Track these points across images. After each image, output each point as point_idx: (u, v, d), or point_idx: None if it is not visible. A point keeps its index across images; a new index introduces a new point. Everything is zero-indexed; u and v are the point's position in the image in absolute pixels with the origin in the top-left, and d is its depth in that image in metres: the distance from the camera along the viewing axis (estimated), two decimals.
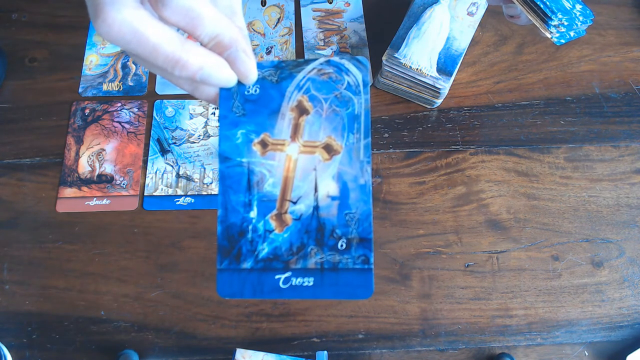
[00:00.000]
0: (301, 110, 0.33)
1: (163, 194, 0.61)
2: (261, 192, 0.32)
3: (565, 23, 0.52)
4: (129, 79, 0.67)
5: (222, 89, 0.33)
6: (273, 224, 0.32)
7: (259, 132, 0.33)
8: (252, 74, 0.32)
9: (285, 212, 0.32)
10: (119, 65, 0.67)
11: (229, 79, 0.32)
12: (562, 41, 0.53)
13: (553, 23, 0.51)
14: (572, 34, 0.54)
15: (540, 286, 0.57)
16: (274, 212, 0.32)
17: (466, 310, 0.56)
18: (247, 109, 0.33)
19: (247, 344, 0.55)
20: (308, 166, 0.32)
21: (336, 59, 0.33)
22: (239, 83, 0.33)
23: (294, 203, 0.32)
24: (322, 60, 0.33)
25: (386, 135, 0.64)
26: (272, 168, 0.33)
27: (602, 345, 0.56)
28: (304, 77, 0.33)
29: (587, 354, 0.55)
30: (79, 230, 0.59)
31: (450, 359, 0.55)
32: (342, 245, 0.32)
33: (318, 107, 0.33)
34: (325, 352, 0.50)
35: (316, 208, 0.32)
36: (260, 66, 0.33)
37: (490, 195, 0.61)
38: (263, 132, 0.33)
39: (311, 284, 0.31)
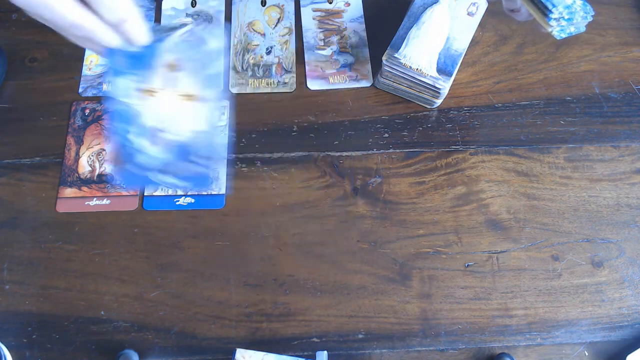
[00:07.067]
0: (171, 67, 0.42)
1: (163, 194, 0.61)
2: (139, 123, 0.42)
3: (566, 16, 0.51)
4: None
5: None
6: (146, 144, 0.43)
7: (139, 82, 0.41)
8: (142, 39, 0.40)
9: (157, 138, 0.43)
10: None
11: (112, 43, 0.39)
12: (563, 35, 0.53)
13: (553, 16, 0.51)
14: (572, 29, 0.53)
15: (540, 286, 0.57)
16: (148, 137, 0.43)
17: (466, 310, 0.56)
18: (129, 63, 0.41)
19: (247, 344, 0.55)
20: (176, 108, 0.43)
21: (199, 29, 0.43)
22: None
23: (164, 132, 0.43)
24: (188, 28, 0.42)
25: (386, 135, 0.64)
26: (148, 108, 0.42)
27: (602, 345, 0.56)
28: (173, 41, 0.42)
29: (587, 354, 0.55)
30: (79, 230, 0.59)
31: (450, 359, 0.55)
32: (195, 161, 0.44)
33: (184, 65, 0.42)
34: (325, 352, 0.50)
35: (182, 138, 0.43)
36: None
37: (490, 195, 0.61)
38: (141, 82, 0.41)
39: (174, 180, 0.45)
